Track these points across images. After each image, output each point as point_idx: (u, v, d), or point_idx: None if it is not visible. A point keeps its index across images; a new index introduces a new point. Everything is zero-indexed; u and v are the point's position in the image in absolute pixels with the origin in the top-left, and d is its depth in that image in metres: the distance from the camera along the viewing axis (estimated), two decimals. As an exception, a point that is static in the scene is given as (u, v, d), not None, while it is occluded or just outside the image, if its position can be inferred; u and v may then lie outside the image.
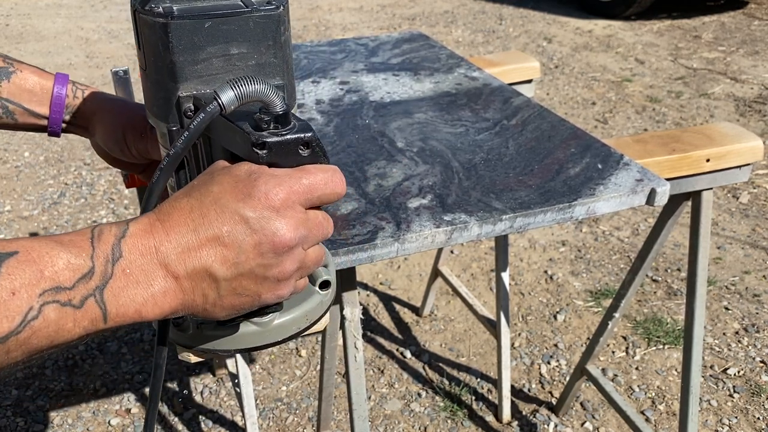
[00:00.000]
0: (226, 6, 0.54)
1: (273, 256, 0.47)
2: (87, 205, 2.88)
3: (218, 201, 0.47)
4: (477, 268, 2.47)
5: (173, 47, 0.53)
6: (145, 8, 0.53)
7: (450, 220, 0.91)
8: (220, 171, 0.50)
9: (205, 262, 0.46)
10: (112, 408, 1.89)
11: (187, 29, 0.53)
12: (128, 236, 0.45)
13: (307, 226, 0.49)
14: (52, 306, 0.41)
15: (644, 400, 1.90)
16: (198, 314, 0.49)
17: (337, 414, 1.87)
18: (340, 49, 1.60)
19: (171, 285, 0.46)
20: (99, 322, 0.44)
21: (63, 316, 0.42)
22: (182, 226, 0.46)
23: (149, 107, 0.58)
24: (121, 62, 4.49)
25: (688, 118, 3.57)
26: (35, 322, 0.41)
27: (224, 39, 0.54)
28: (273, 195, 0.47)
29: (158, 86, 0.55)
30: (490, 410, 1.88)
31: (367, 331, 2.18)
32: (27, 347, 0.41)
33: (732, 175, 1.25)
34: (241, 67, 0.55)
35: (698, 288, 1.35)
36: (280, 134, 0.51)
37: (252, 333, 0.57)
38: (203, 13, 0.53)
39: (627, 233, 2.65)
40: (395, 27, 5.23)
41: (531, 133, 1.17)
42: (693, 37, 4.82)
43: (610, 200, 0.98)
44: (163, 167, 0.50)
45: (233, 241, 0.46)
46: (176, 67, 0.53)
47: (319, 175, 0.50)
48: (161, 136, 0.60)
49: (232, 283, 0.47)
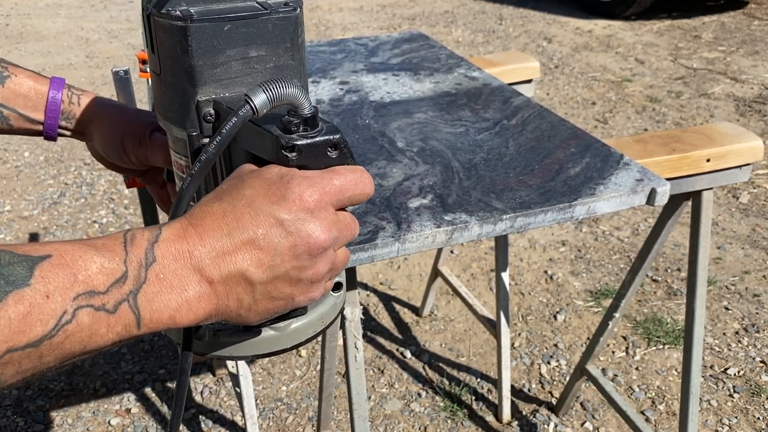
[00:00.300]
0: (244, 8, 0.54)
1: (308, 257, 0.47)
2: (87, 205, 2.88)
3: (252, 204, 0.46)
4: (477, 268, 2.47)
5: (192, 51, 0.52)
6: (162, 11, 0.52)
7: (450, 220, 0.91)
8: (250, 174, 0.49)
9: (241, 266, 0.46)
10: (112, 408, 1.89)
11: (207, 32, 0.52)
12: (161, 241, 0.45)
13: (338, 227, 0.49)
14: (85, 310, 0.41)
15: (644, 400, 1.90)
16: (231, 319, 0.48)
17: (337, 414, 1.87)
18: (340, 49, 1.59)
19: (205, 290, 0.45)
20: (132, 327, 0.43)
21: (96, 321, 0.41)
22: (216, 231, 0.46)
23: (163, 112, 0.57)
24: (121, 62, 4.49)
25: (688, 118, 3.57)
26: (69, 327, 0.40)
27: (243, 42, 0.53)
28: (307, 196, 0.47)
29: (175, 91, 0.55)
30: (490, 410, 1.88)
31: (367, 331, 2.18)
32: (60, 352, 0.40)
33: (732, 175, 1.25)
34: (259, 70, 0.55)
35: (698, 288, 1.35)
36: (309, 137, 0.50)
37: (269, 338, 0.56)
38: (222, 16, 0.52)
39: (627, 233, 2.65)
40: (395, 27, 5.23)
41: (531, 133, 1.17)
42: (693, 37, 4.82)
43: (611, 200, 0.98)
44: (195, 172, 0.49)
45: (269, 244, 0.46)
46: (195, 71, 0.53)
47: (349, 176, 0.50)
48: (174, 141, 0.59)
49: (267, 286, 0.47)
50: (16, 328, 0.38)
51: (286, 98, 0.50)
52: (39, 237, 2.66)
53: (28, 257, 0.40)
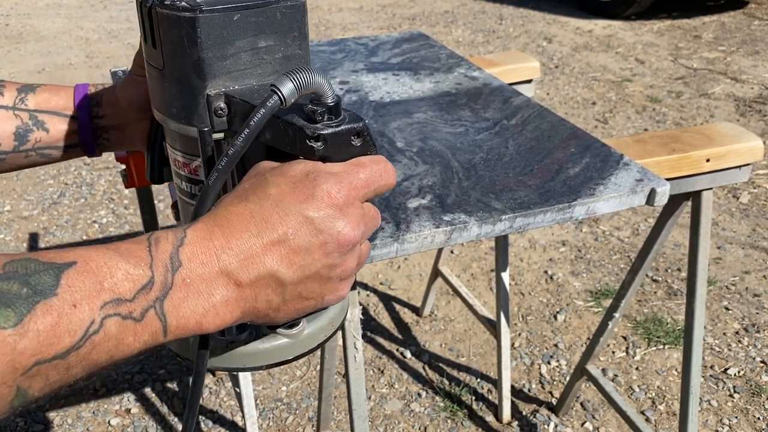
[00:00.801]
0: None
1: (338, 255, 0.47)
2: (87, 205, 2.88)
3: (280, 203, 0.45)
4: (477, 268, 2.47)
5: (202, 42, 0.50)
6: (166, 3, 0.50)
7: (449, 221, 0.91)
8: (272, 172, 0.48)
9: (271, 267, 0.45)
10: (112, 408, 1.89)
11: (217, 23, 0.50)
12: (186, 244, 0.43)
13: (365, 221, 0.49)
14: (113, 319, 0.40)
15: (644, 400, 1.90)
16: (258, 320, 0.47)
17: (337, 414, 1.87)
18: (340, 49, 1.59)
19: (233, 293, 0.44)
20: (159, 335, 0.42)
21: (124, 330, 0.40)
22: (244, 232, 0.44)
23: (164, 109, 0.56)
24: (121, 62, 4.49)
25: (689, 118, 3.57)
26: (96, 337, 0.39)
27: (253, 32, 0.52)
28: (335, 193, 0.46)
29: (181, 86, 0.53)
30: (490, 410, 1.88)
31: (367, 331, 2.18)
32: (87, 362, 0.40)
33: (732, 175, 1.25)
34: (268, 61, 0.54)
35: (698, 288, 1.35)
36: (333, 125, 0.49)
37: (283, 346, 0.55)
38: (231, 6, 0.51)
39: (627, 233, 2.65)
40: (395, 27, 5.23)
41: (531, 133, 1.17)
42: (693, 37, 4.82)
43: (610, 200, 0.98)
44: (221, 168, 0.48)
45: (299, 244, 0.45)
46: (204, 64, 0.51)
47: (374, 167, 0.49)
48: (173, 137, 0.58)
49: (298, 286, 0.46)
50: (45, 341, 0.37)
51: (312, 86, 0.48)
52: (39, 237, 2.66)
53: (54, 264, 0.39)
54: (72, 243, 2.61)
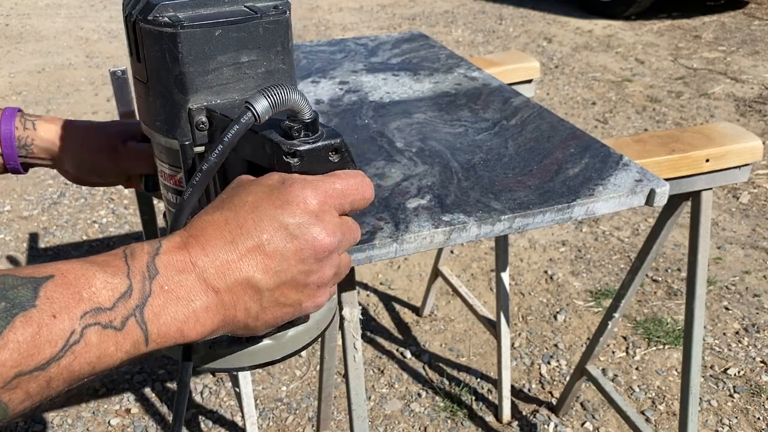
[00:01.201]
0: (234, 12, 0.53)
1: (314, 261, 0.47)
2: (87, 205, 2.88)
3: (255, 210, 0.46)
4: (477, 268, 2.47)
5: (183, 58, 0.51)
6: (149, 18, 0.51)
7: (449, 221, 0.91)
8: (249, 183, 0.49)
9: (247, 273, 0.45)
10: (112, 408, 1.89)
11: (198, 38, 0.51)
12: (162, 253, 0.44)
13: (342, 231, 0.49)
14: (93, 329, 0.40)
15: (644, 400, 1.90)
16: (238, 331, 0.47)
17: (337, 414, 1.87)
18: (340, 49, 1.59)
19: (212, 300, 0.44)
20: (141, 344, 0.42)
21: (105, 339, 0.40)
22: (219, 239, 0.45)
23: (149, 122, 0.56)
24: (121, 62, 4.49)
25: (689, 118, 3.57)
26: (77, 346, 0.39)
27: (235, 47, 0.52)
28: (310, 200, 0.47)
29: (164, 99, 0.53)
30: (490, 410, 1.88)
31: (367, 331, 2.18)
32: (68, 374, 0.40)
33: (732, 175, 1.25)
34: (251, 75, 0.54)
35: (698, 288, 1.35)
36: (311, 142, 0.50)
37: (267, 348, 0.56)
38: (213, 21, 0.51)
39: (627, 233, 2.65)
40: (395, 27, 5.23)
41: (530, 134, 1.17)
42: (693, 37, 4.82)
43: (609, 201, 0.98)
44: (196, 182, 0.48)
45: (274, 249, 0.45)
46: (186, 79, 0.52)
47: (350, 180, 0.50)
48: (160, 150, 0.58)
49: (275, 293, 0.46)
50: (25, 352, 0.37)
51: (287, 104, 0.49)
52: (39, 237, 2.66)
53: (31, 279, 0.39)
54: (72, 243, 2.61)
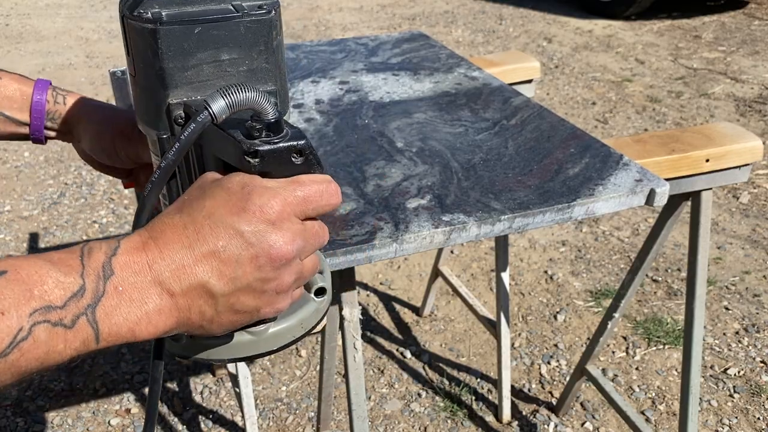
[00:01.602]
0: (216, 11, 0.53)
1: (271, 269, 0.47)
2: (87, 205, 2.88)
3: (212, 216, 0.46)
4: (477, 268, 2.47)
5: (162, 53, 0.52)
6: (134, 14, 0.52)
7: (449, 221, 0.91)
8: (211, 184, 0.49)
9: (201, 278, 0.45)
10: (112, 408, 1.89)
11: (177, 35, 0.52)
12: (119, 254, 0.44)
13: (303, 237, 0.48)
14: (42, 326, 0.40)
15: (644, 400, 1.90)
16: (194, 331, 0.48)
17: (337, 414, 1.87)
18: (340, 49, 1.59)
19: (166, 303, 0.45)
20: (91, 342, 0.42)
21: (54, 337, 0.40)
22: (176, 243, 0.45)
23: (139, 114, 0.58)
24: (121, 62, 4.49)
25: (689, 118, 3.57)
26: (24, 344, 0.39)
27: (215, 45, 0.53)
28: (268, 208, 0.47)
29: (148, 93, 0.55)
30: (490, 410, 1.88)
31: (367, 331, 2.18)
32: (15, 370, 0.40)
33: (732, 175, 1.25)
34: (232, 73, 0.55)
35: (698, 288, 1.35)
36: (272, 142, 0.50)
37: (246, 342, 0.56)
38: (193, 19, 0.52)
39: (627, 233, 2.65)
40: (395, 27, 5.23)
41: (530, 133, 1.17)
42: (693, 37, 4.82)
43: (610, 200, 0.98)
44: (155, 180, 0.49)
45: (230, 256, 0.45)
46: (166, 74, 0.53)
47: (313, 187, 0.50)
48: (152, 144, 0.59)
49: (230, 298, 0.46)
50: None
51: (246, 103, 0.49)
52: (39, 237, 2.66)
53: None
54: (72, 243, 2.61)
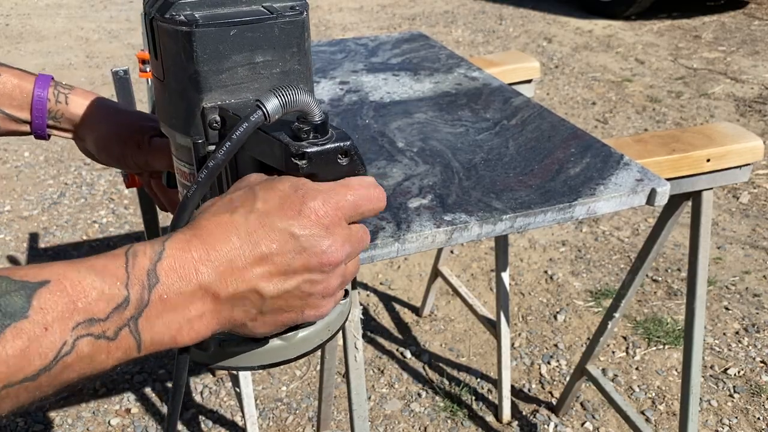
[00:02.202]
0: (250, 12, 0.53)
1: (320, 273, 0.47)
2: (87, 205, 2.88)
3: (266, 218, 0.45)
4: (477, 268, 2.47)
5: (197, 56, 0.51)
6: (165, 16, 0.51)
7: (450, 220, 0.91)
8: (261, 186, 0.48)
9: (251, 282, 0.45)
10: (112, 408, 1.89)
11: (212, 37, 0.51)
12: (164, 258, 0.43)
13: (351, 242, 0.48)
14: (85, 340, 0.39)
15: (644, 400, 1.90)
16: (237, 330, 0.47)
17: (337, 414, 1.87)
18: (340, 49, 1.59)
19: (209, 307, 0.44)
20: (132, 351, 0.42)
21: (96, 350, 0.40)
22: (225, 244, 0.44)
23: (166, 119, 0.57)
24: (121, 62, 4.49)
25: (689, 118, 3.57)
26: (68, 358, 0.39)
27: (249, 47, 0.52)
28: (322, 213, 0.46)
29: (179, 97, 0.54)
30: (490, 410, 1.88)
31: (367, 331, 2.18)
32: (58, 382, 0.40)
33: (732, 175, 1.25)
34: (266, 76, 0.54)
35: (698, 288, 1.35)
36: (319, 144, 0.49)
37: (276, 348, 0.55)
38: (228, 21, 0.51)
39: (627, 233, 2.65)
40: (395, 27, 5.23)
41: (531, 133, 1.17)
42: (693, 37, 4.82)
43: (610, 200, 0.98)
44: (201, 180, 0.48)
45: (283, 260, 0.45)
46: (200, 77, 0.52)
47: (362, 191, 0.49)
48: (177, 148, 0.58)
49: (278, 301, 0.46)
50: (15, 365, 0.37)
51: (298, 104, 0.49)
52: (39, 237, 2.66)
53: (26, 284, 0.39)
54: (72, 243, 2.61)
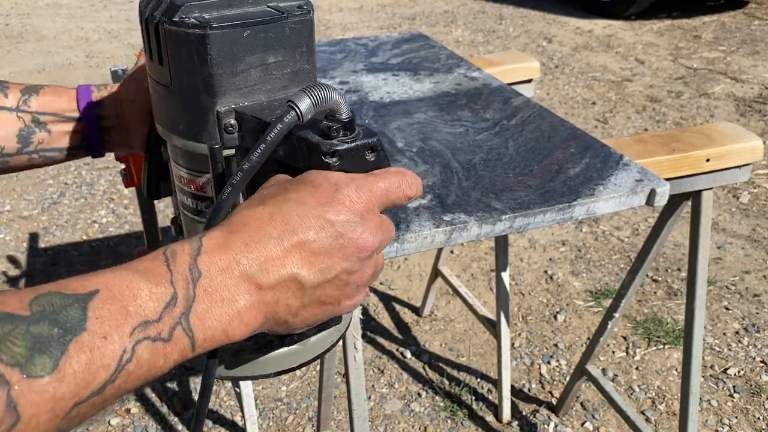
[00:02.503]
0: (260, 13, 0.52)
1: (357, 260, 0.47)
2: (87, 205, 2.88)
3: (300, 206, 0.45)
4: (477, 268, 2.47)
5: (212, 59, 0.50)
6: (174, 20, 0.51)
7: (449, 220, 0.91)
8: (291, 181, 0.49)
9: (291, 270, 0.44)
10: (112, 408, 1.89)
11: (227, 39, 0.50)
12: (204, 253, 0.43)
13: (382, 230, 0.49)
14: (143, 344, 0.39)
15: (644, 400, 1.90)
16: (278, 327, 0.47)
17: (337, 414, 1.87)
18: (340, 49, 1.59)
19: (255, 297, 0.44)
20: (188, 351, 0.42)
21: (155, 353, 0.40)
22: (262, 235, 0.44)
23: (171, 125, 0.56)
24: (121, 62, 4.49)
25: (689, 118, 3.57)
26: (130, 365, 0.38)
27: (263, 48, 0.52)
28: (356, 198, 0.47)
29: (190, 103, 0.53)
30: (490, 410, 1.88)
31: (367, 331, 2.18)
32: (121, 392, 0.39)
33: (732, 175, 1.25)
34: (277, 76, 0.54)
35: (698, 288, 1.35)
36: (349, 141, 0.49)
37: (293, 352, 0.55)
38: (241, 22, 0.51)
39: (627, 233, 2.65)
40: (395, 27, 5.23)
41: (531, 134, 1.17)
42: (693, 36, 4.82)
43: (610, 200, 0.98)
44: (235, 183, 0.47)
45: (320, 247, 0.45)
46: (214, 81, 0.51)
47: (393, 179, 0.50)
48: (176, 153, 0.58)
49: (317, 290, 0.46)
50: (82, 381, 0.37)
51: (329, 103, 0.49)
52: (39, 237, 2.66)
53: (78, 296, 0.38)
54: (72, 243, 2.61)
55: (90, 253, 2.54)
